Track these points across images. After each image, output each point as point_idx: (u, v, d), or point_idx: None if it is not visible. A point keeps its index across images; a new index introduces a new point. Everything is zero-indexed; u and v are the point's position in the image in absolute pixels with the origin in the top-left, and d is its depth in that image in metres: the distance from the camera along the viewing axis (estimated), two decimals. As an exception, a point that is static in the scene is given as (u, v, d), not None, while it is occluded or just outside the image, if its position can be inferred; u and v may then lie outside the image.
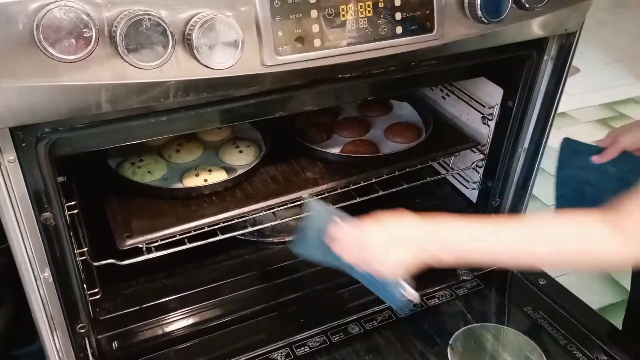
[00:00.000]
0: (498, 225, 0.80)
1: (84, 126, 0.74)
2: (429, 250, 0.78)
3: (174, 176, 1.10)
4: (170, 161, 1.15)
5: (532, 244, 0.76)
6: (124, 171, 1.08)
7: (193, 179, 1.07)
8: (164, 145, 1.17)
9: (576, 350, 1.01)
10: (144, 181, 1.05)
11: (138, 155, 1.11)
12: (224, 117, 0.83)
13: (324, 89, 0.87)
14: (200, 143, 1.20)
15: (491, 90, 1.17)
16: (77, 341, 0.90)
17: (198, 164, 1.14)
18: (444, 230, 0.79)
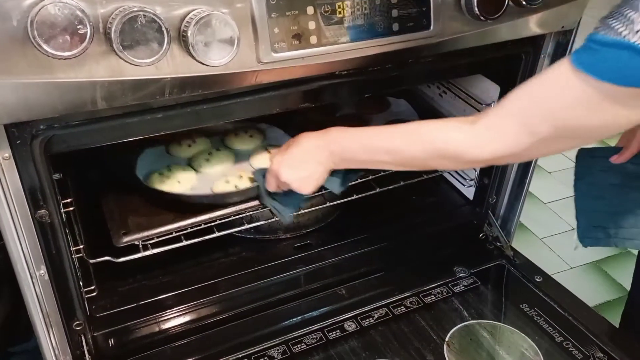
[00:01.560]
0: (383, 129, 0.88)
1: (79, 123, 0.74)
2: (328, 161, 0.90)
3: (203, 185, 1.06)
4: (200, 171, 1.11)
5: (407, 141, 0.84)
6: (152, 181, 1.04)
7: (223, 185, 1.04)
8: (193, 156, 1.14)
9: (572, 347, 1.01)
10: (174, 191, 1.01)
11: (167, 167, 1.09)
12: (220, 114, 0.83)
13: (321, 86, 0.87)
14: (231, 152, 1.16)
15: (488, 87, 1.17)
16: (73, 338, 0.90)
17: (230, 174, 1.09)
18: (334, 139, 0.89)
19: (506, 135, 0.73)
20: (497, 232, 1.25)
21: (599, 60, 0.63)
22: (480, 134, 0.76)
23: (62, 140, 0.75)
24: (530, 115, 0.71)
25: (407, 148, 0.83)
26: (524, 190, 1.22)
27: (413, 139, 0.83)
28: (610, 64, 0.62)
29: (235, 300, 1.06)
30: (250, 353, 0.99)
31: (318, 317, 1.06)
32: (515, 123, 0.72)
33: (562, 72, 0.67)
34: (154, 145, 1.15)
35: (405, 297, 1.11)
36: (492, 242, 1.26)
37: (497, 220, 1.25)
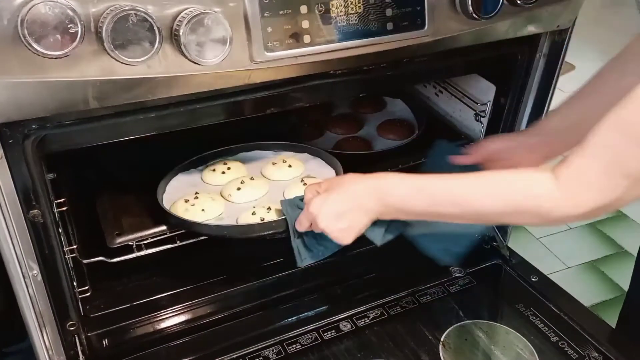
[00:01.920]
0: (446, 177, 0.78)
1: (72, 123, 0.73)
2: (377, 211, 0.81)
3: (231, 215, 1.01)
4: (229, 200, 1.06)
5: (476, 192, 0.75)
6: (176, 207, 1.00)
7: (249, 217, 0.98)
8: (226, 185, 1.09)
9: (567, 347, 1.01)
10: (195, 219, 0.97)
11: (195, 194, 1.04)
12: (213, 114, 0.83)
13: (315, 85, 0.87)
14: (264, 182, 1.10)
15: (484, 86, 1.17)
16: (67, 339, 0.90)
17: (261, 205, 1.03)
18: (389, 186, 0.80)
19: (601, 183, 0.64)
20: (493, 232, 1.25)
21: None
22: (569, 187, 0.66)
23: (54, 139, 0.75)
24: (626, 154, 0.61)
25: (480, 201, 0.73)
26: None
27: (486, 190, 0.73)
28: None
29: (229, 300, 1.06)
30: (245, 353, 0.99)
31: (313, 317, 1.06)
32: (608, 167, 0.63)
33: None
34: (188, 170, 1.13)
35: (400, 297, 1.11)
36: (488, 241, 1.25)
37: (493, 219, 1.25)
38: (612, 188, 0.64)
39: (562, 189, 0.66)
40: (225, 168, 1.11)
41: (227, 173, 1.10)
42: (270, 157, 1.16)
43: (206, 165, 1.14)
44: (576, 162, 0.66)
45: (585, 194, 0.65)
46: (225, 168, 1.11)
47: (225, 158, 1.16)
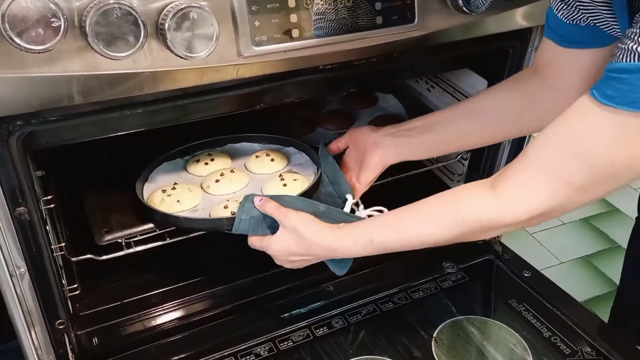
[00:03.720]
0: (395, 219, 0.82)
1: (57, 119, 0.72)
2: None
3: (206, 208, 0.99)
4: (207, 192, 1.04)
5: (424, 227, 0.78)
6: (152, 198, 0.99)
7: (221, 210, 0.96)
8: (207, 176, 1.07)
9: (560, 342, 1.01)
10: (170, 211, 0.95)
11: (174, 184, 1.02)
12: (202, 110, 0.82)
13: (304, 80, 0.86)
14: (245, 175, 1.08)
15: (475, 81, 1.17)
16: (56, 337, 0.89)
17: (237, 197, 1.00)
18: (343, 249, 0.84)
19: (538, 191, 0.66)
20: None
21: (629, 89, 0.56)
22: (507, 196, 0.68)
23: (40, 136, 0.74)
24: (562, 164, 0.64)
25: (429, 236, 0.77)
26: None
27: (431, 221, 0.77)
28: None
29: (221, 297, 1.05)
30: (237, 351, 0.98)
31: (305, 314, 1.05)
32: (546, 175, 0.65)
33: (587, 112, 0.61)
34: (174, 159, 1.12)
35: (393, 293, 1.11)
36: (481, 237, 1.25)
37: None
38: (551, 196, 0.65)
39: (499, 199, 0.69)
40: (209, 159, 1.11)
41: (210, 164, 1.09)
42: (256, 151, 1.15)
43: (192, 155, 1.13)
44: (514, 172, 0.68)
45: (521, 201, 0.67)
46: (209, 159, 1.11)
47: (211, 150, 1.15)
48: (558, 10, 0.79)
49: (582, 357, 0.98)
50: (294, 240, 0.85)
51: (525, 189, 0.67)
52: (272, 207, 0.87)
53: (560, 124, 0.65)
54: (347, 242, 0.83)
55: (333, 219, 0.87)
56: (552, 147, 0.65)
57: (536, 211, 0.67)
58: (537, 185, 0.66)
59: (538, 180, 0.66)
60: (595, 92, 0.59)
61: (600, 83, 0.60)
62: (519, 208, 0.67)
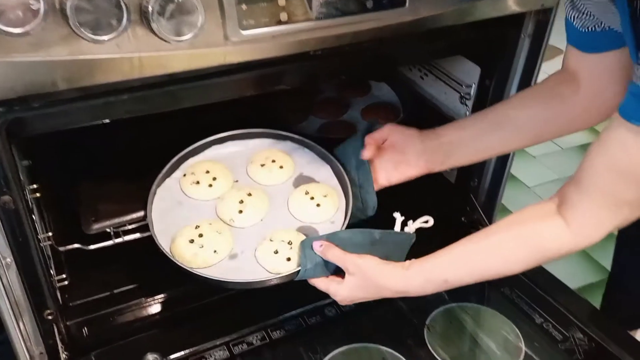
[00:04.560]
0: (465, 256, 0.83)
1: (41, 105, 0.71)
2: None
3: (245, 250, 0.92)
4: (232, 225, 0.94)
5: (495, 265, 0.80)
6: (181, 252, 0.88)
7: (271, 257, 0.89)
8: (221, 205, 0.97)
9: (552, 328, 1.01)
10: (208, 264, 0.88)
11: (195, 226, 0.91)
12: (190, 97, 0.81)
13: (295, 67, 0.85)
14: (264, 195, 0.99)
15: (469, 69, 1.16)
16: (45, 328, 0.88)
17: (267, 224, 0.95)
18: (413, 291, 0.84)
19: (606, 217, 0.71)
20: (479, 216, 1.24)
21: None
22: (582, 229, 0.73)
23: (25, 123, 0.72)
24: (617, 189, 0.68)
25: (502, 270, 0.80)
26: (505, 173, 1.21)
27: (515, 256, 0.79)
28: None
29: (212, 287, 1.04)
30: (229, 340, 0.98)
31: (298, 303, 1.05)
32: (607, 201, 0.70)
33: (627, 137, 0.65)
34: (163, 181, 1.00)
35: (385, 281, 1.10)
36: (474, 225, 1.24)
37: (479, 203, 1.24)
38: (615, 217, 0.71)
39: (574, 233, 0.73)
40: (210, 178, 0.99)
41: (215, 185, 0.99)
42: (250, 153, 1.06)
43: (183, 172, 1.01)
44: (578, 203, 0.72)
45: (594, 230, 0.73)
46: (209, 178, 0.99)
47: (199, 159, 1.04)
48: (573, 19, 0.81)
49: (574, 343, 0.98)
50: (364, 287, 0.85)
51: (595, 218, 0.72)
52: (335, 255, 0.85)
53: (604, 149, 0.69)
54: (418, 282, 0.83)
55: (388, 241, 0.87)
56: (603, 175, 0.69)
57: (608, 231, 0.72)
58: (602, 211, 0.71)
59: (602, 207, 0.71)
60: (632, 118, 0.63)
61: (630, 106, 0.63)
62: (594, 234, 0.73)
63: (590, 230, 0.73)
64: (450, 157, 0.98)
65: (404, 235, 0.89)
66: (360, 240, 0.86)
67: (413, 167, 0.97)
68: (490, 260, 0.80)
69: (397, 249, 0.88)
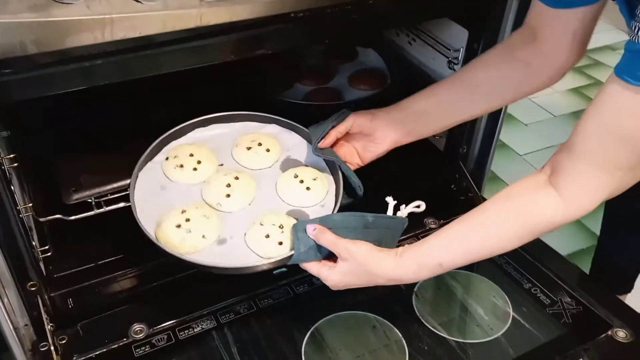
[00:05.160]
0: (457, 236, 0.81)
1: (13, 71, 0.68)
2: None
3: (234, 235, 0.90)
4: (220, 209, 0.92)
5: (490, 241, 0.79)
6: (168, 237, 0.86)
7: (263, 241, 0.87)
8: (207, 188, 0.94)
9: (540, 293, 1.01)
10: (197, 249, 0.86)
11: (182, 211, 0.89)
12: (167, 62, 0.78)
13: (276, 30, 0.82)
14: (250, 179, 0.96)
15: (456, 32, 1.13)
16: (29, 300, 0.87)
17: (255, 208, 0.93)
18: (407, 277, 0.82)
19: (598, 183, 0.69)
20: (468, 183, 1.23)
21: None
22: (573, 196, 0.71)
23: (-4, 91, 0.70)
24: (611, 151, 0.67)
25: (497, 246, 0.79)
26: (494, 140, 1.20)
27: (508, 232, 0.77)
28: None
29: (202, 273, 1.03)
30: (217, 309, 0.97)
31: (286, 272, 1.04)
32: (600, 165, 0.68)
33: (623, 96, 0.63)
34: (145, 164, 0.95)
35: (373, 249, 1.10)
36: (463, 193, 1.24)
37: (468, 171, 1.23)
38: (609, 182, 0.69)
39: (567, 202, 0.72)
40: (194, 162, 0.96)
41: (199, 169, 0.96)
42: (235, 135, 1.03)
43: (166, 156, 0.98)
44: (569, 170, 0.71)
45: (587, 198, 0.71)
46: (193, 161, 0.96)
47: (182, 141, 1.01)
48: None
49: (562, 307, 0.98)
50: (356, 273, 0.83)
51: (587, 184, 0.70)
52: (328, 239, 0.83)
53: (597, 112, 0.67)
54: (412, 269, 0.81)
55: (381, 225, 0.86)
56: (596, 138, 0.67)
57: (601, 199, 0.71)
58: (595, 177, 0.69)
59: (595, 172, 0.69)
60: (627, 76, 0.61)
61: (627, 65, 0.61)
62: (587, 202, 0.71)
63: (584, 199, 0.71)
64: (416, 126, 0.98)
65: (396, 219, 0.88)
66: (353, 223, 0.84)
67: (380, 144, 0.98)
68: (483, 239, 0.79)
69: (390, 233, 0.88)
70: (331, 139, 0.97)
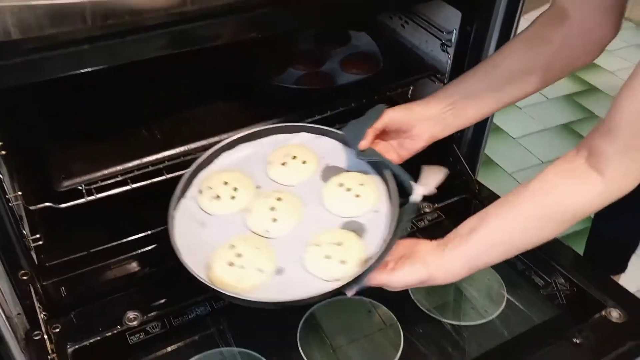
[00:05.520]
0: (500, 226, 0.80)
1: (-2, 58, 0.67)
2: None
3: (290, 263, 0.81)
4: (268, 236, 0.85)
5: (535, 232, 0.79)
6: (223, 278, 0.78)
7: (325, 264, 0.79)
8: (253, 218, 0.86)
9: (534, 275, 1.01)
10: (254, 285, 0.78)
11: (230, 246, 0.81)
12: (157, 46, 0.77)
13: (267, 13, 0.81)
14: (291, 195, 0.89)
15: (450, 14, 1.12)
16: (21, 289, 0.87)
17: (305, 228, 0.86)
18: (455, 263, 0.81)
19: (637, 166, 0.71)
20: (462, 167, 1.23)
21: None
22: (615, 179, 0.72)
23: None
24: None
25: (550, 235, 0.78)
26: (487, 123, 1.19)
27: (548, 225, 0.77)
28: None
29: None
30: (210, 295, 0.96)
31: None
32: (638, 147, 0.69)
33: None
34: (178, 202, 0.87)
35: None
36: (457, 176, 1.23)
37: (462, 154, 1.23)
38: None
39: (607, 184, 0.72)
40: (232, 190, 0.88)
41: (237, 196, 0.88)
42: (265, 153, 0.95)
43: (198, 189, 0.90)
44: (610, 152, 0.71)
45: (628, 179, 0.72)
46: (231, 191, 0.88)
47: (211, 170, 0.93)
48: None
49: (556, 289, 0.98)
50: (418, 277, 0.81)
51: (628, 167, 0.71)
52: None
53: (633, 97, 0.67)
54: (462, 273, 0.82)
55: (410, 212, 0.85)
56: (634, 119, 0.68)
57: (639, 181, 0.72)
58: (636, 159, 0.70)
59: (635, 154, 0.69)
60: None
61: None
62: (628, 184, 0.72)
63: (625, 181, 0.72)
64: (454, 120, 0.94)
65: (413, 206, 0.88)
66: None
67: (417, 140, 0.94)
68: (525, 236, 0.78)
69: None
70: (370, 138, 0.91)
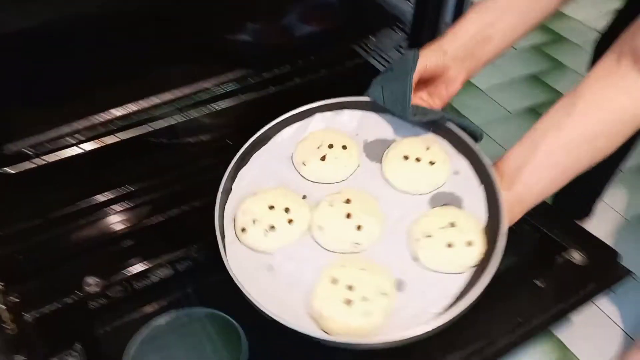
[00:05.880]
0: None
1: None
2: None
3: (406, 267, 0.69)
4: (365, 250, 0.70)
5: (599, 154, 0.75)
6: (348, 325, 0.62)
7: (450, 254, 0.67)
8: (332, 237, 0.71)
9: (498, 222, 1.01)
10: (381, 315, 0.63)
11: (332, 281, 0.66)
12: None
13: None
14: (355, 192, 0.75)
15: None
16: (-27, 258, 0.84)
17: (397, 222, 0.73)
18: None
19: None
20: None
21: None
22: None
23: None
24: None
25: (611, 150, 0.75)
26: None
27: (615, 133, 0.73)
28: None
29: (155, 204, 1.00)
30: (173, 259, 0.94)
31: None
32: None
33: None
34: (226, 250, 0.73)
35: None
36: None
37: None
38: None
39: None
40: (284, 212, 0.73)
41: (294, 217, 0.73)
42: (287, 152, 0.82)
43: (241, 227, 0.73)
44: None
45: None
46: (283, 213, 0.73)
47: (235, 199, 0.78)
48: None
49: (520, 234, 0.98)
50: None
51: None
52: None
53: None
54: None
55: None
56: None
57: None
58: None
59: None
60: None
61: None
62: None
63: None
64: (483, 54, 0.88)
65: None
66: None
67: (452, 84, 0.88)
68: (593, 156, 0.75)
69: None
70: (419, 88, 0.85)
